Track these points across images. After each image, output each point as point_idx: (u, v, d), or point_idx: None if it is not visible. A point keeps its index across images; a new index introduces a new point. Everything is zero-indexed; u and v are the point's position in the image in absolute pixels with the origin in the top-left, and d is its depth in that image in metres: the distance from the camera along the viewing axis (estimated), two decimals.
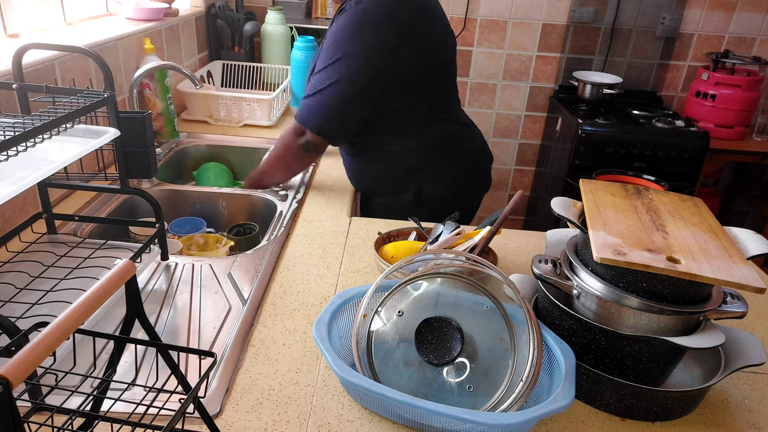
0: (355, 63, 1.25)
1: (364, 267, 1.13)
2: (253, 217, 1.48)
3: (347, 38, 1.25)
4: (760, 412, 0.83)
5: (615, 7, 2.73)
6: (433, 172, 1.44)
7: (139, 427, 0.58)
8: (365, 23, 1.24)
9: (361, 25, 1.24)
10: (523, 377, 0.75)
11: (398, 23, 1.26)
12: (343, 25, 1.25)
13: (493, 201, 3.17)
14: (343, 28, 1.26)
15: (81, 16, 1.74)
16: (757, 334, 1.01)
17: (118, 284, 0.56)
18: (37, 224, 1.06)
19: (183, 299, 1.00)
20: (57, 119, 0.77)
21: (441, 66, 1.39)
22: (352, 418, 0.77)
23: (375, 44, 1.25)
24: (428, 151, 1.43)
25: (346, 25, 1.25)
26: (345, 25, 1.25)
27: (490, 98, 2.94)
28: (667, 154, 2.47)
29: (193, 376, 0.82)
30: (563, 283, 0.82)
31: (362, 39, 1.25)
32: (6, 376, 0.43)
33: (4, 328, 0.68)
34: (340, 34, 1.26)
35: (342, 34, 1.26)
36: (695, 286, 0.75)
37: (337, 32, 1.26)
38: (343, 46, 1.25)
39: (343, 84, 1.26)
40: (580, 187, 0.91)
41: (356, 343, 0.81)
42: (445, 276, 0.85)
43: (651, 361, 0.78)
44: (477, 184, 1.56)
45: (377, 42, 1.25)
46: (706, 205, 0.90)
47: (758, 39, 2.78)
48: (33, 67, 1.19)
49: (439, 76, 1.40)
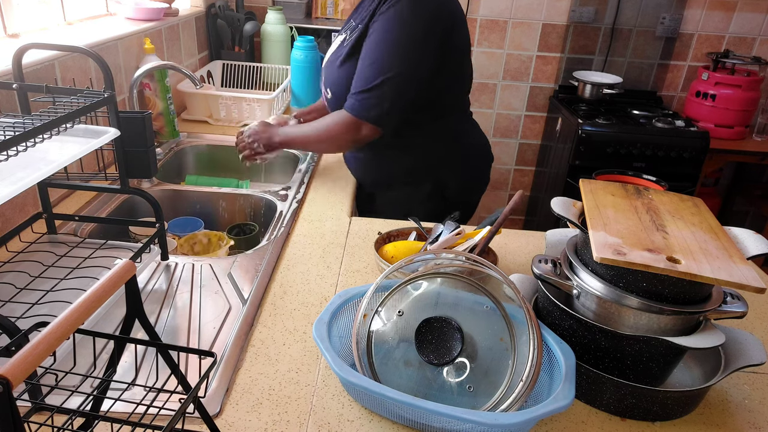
0: (409, 55, 1.26)
1: (364, 267, 1.13)
2: (253, 217, 1.48)
3: (399, 30, 1.25)
4: (760, 412, 0.83)
5: (615, 7, 2.73)
6: (448, 165, 1.46)
7: (139, 426, 0.58)
8: (415, 19, 1.25)
9: (412, 19, 1.25)
10: (523, 377, 0.75)
11: (445, 15, 1.28)
12: (393, 20, 1.25)
13: (493, 201, 3.17)
14: (393, 23, 1.25)
15: (81, 16, 1.74)
16: (757, 334, 1.01)
17: (118, 284, 0.56)
18: (37, 224, 1.06)
19: (183, 299, 1.00)
20: (57, 119, 0.77)
21: (467, 60, 1.42)
22: (352, 418, 0.77)
23: (425, 37, 1.26)
24: (443, 145, 1.44)
25: (396, 20, 1.25)
26: (395, 20, 1.25)
27: (490, 98, 2.94)
28: (667, 154, 2.47)
29: (193, 376, 0.82)
30: (563, 283, 0.82)
31: (413, 31, 1.25)
32: (6, 375, 0.43)
33: (4, 328, 0.68)
34: (392, 29, 1.25)
35: (394, 29, 1.25)
36: (695, 286, 0.75)
37: (388, 27, 1.26)
38: (395, 38, 1.25)
39: (400, 77, 1.26)
40: (580, 187, 0.91)
41: (356, 343, 0.81)
42: (445, 276, 0.85)
43: (651, 361, 0.78)
44: (484, 180, 1.58)
45: (426, 35, 1.26)
46: (706, 205, 0.90)
47: (758, 39, 2.78)
48: (33, 67, 1.19)
49: (464, 70, 1.42)
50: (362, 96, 1.28)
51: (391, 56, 1.26)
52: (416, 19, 1.25)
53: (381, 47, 1.27)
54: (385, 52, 1.26)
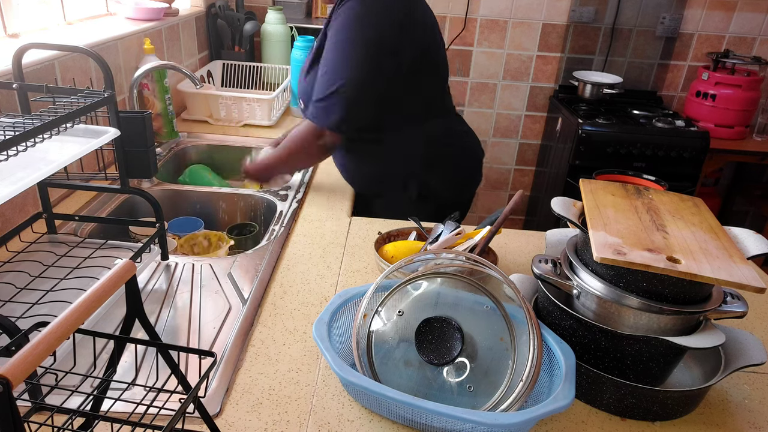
0: (360, 59, 1.25)
1: (364, 267, 1.13)
2: (253, 217, 1.48)
3: (349, 36, 1.25)
4: (760, 412, 0.83)
5: (615, 7, 2.73)
6: (434, 168, 1.44)
7: (139, 426, 0.58)
8: (364, 20, 1.24)
9: (360, 21, 1.24)
10: (523, 377, 0.75)
11: (396, 15, 1.26)
12: (343, 23, 1.25)
13: (493, 201, 3.17)
14: (343, 26, 1.25)
15: (81, 16, 1.74)
16: (757, 334, 1.01)
17: (118, 284, 0.56)
18: (38, 224, 1.06)
19: (183, 299, 1.00)
20: (57, 119, 0.77)
21: (438, 58, 1.40)
22: (353, 418, 0.77)
23: (377, 40, 1.25)
24: (427, 146, 1.42)
25: (345, 24, 1.25)
26: (344, 23, 1.25)
27: (490, 98, 2.94)
28: (667, 154, 2.47)
29: (193, 376, 0.82)
30: (563, 282, 0.82)
31: (364, 36, 1.25)
32: (6, 375, 0.43)
33: (4, 328, 0.68)
34: (342, 33, 1.25)
35: (343, 33, 1.25)
36: (695, 285, 0.75)
37: (339, 31, 1.26)
38: (347, 41, 1.24)
39: (355, 82, 1.25)
40: (580, 187, 0.91)
41: (356, 342, 0.81)
42: (445, 276, 0.85)
43: (651, 361, 0.78)
44: (475, 178, 1.57)
45: (379, 37, 1.25)
46: (706, 205, 0.90)
47: (758, 39, 2.78)
48: (33, 67, 1.19)
49: (436, 68, 1.40)
50: (320, 104, 1.28)
51: (343, 61, 1.25)
52: (362, 24, 1.24)
53: (334, 53, 1.26)
54: (338, 57, 1.25)
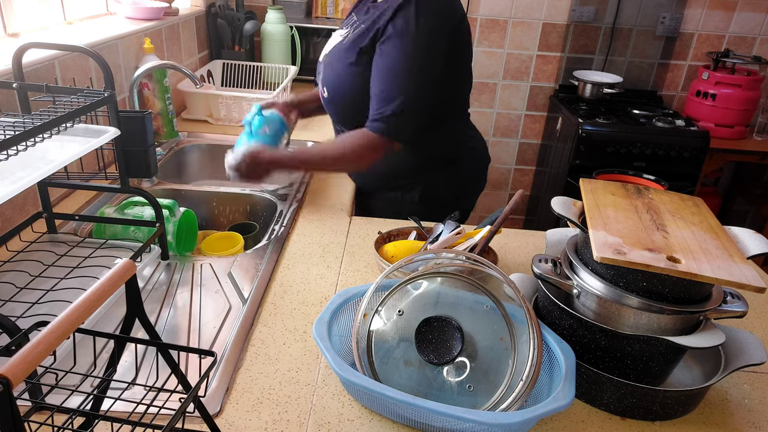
0: (423, 72, 1.26)
1: (364, 266, 1.13)
2: (253, 216, 1.48)
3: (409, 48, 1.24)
4: (760, 411, 0.83)
5: (615, 7, 2.73)
6: (442, 170, 1.45)
7: (139, 426, 0.58)
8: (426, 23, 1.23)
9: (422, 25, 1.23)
10: (523, 377, 0.75)
11: (451, 12, 1.27)
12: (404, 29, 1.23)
13: (493, 201, 3.17)
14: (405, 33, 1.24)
15: (81, 16, 1.74)
16: (757, 333, 1.01)
17: (118, 283, 0.56)
18: (38, 223, 1.06)
19: (183, 299, 1.00)
20: (57, 118, 0.77)
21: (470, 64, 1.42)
22: (353, 418, 0.77)
23: (437, 43, 1.26)
24: (441, 147, 1.43)
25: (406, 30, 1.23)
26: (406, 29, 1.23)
27: (490, 98, 2.93)
28: (667, 153, 2.47)
29: (193, 375, 0.82)
30: (563, 282, 0.82)
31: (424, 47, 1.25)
32: (6, 375, 0.43)
33: (4, 328, 0.68)
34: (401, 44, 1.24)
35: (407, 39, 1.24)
36: (695, 285, 0.75)
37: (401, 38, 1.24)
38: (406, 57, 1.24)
39: (420, 93, 1.26)
40: (581, 187, 0.91)
41: (356, 342, 0.81)
42: (446, 275, 0.85)
43: (651, 360, 0.78)
44: (480, 184, 1.58)
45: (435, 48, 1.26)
46: (706, 204, 0.90)
47: (758, 38, 2.78)
48: (33, 67, 1.19)
49: (468, 70, 1.42)
50: (393, 120, 1.26)
51: (410, 74, 1.25)
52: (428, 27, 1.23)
53: (392, 63, 1.25)
54: (406, 71, 1.25)
